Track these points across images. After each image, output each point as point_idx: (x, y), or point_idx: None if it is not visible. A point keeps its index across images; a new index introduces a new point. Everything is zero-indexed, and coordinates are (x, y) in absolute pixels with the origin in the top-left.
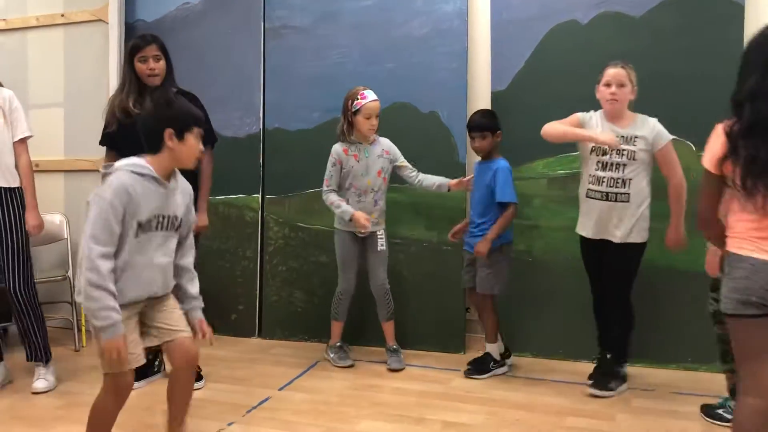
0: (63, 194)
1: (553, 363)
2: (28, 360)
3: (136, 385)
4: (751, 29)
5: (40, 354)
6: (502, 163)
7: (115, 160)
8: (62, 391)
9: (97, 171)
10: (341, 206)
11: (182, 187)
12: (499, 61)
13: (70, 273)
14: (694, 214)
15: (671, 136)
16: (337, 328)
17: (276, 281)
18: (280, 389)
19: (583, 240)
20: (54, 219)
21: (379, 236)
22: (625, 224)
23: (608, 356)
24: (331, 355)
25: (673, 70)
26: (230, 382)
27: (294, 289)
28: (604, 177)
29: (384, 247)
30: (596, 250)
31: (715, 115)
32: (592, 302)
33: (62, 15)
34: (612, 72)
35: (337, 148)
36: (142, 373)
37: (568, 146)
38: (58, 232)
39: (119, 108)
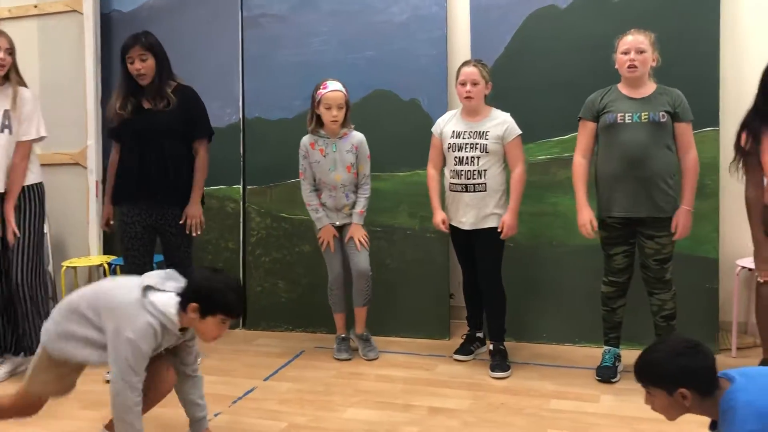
0: None
1: (537, 347)
2: (16, 353)
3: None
4: (727, 12)
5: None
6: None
7: (117, 153)
8: None
9: (76, 164)
10: (318, 212)
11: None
12: (478, 47)
13: (50, 268)
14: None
15: (520, 131)
16: (336, 320)
17: (259, 272)
18: (266, 379)
19: (454, 230)
20: None
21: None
22: (486, 212)
23: (501, 346)
24: (334, 347)
25: None
26: (215, 374)
27: (277, 280)
28: (462, 170)
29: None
30: (466, 238)
31: (692, 97)
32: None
33: (35, 6)
34: (467, 71)
35: (305, 140)
36: None
37: (548, 131)
38: None
39: (119, 105)
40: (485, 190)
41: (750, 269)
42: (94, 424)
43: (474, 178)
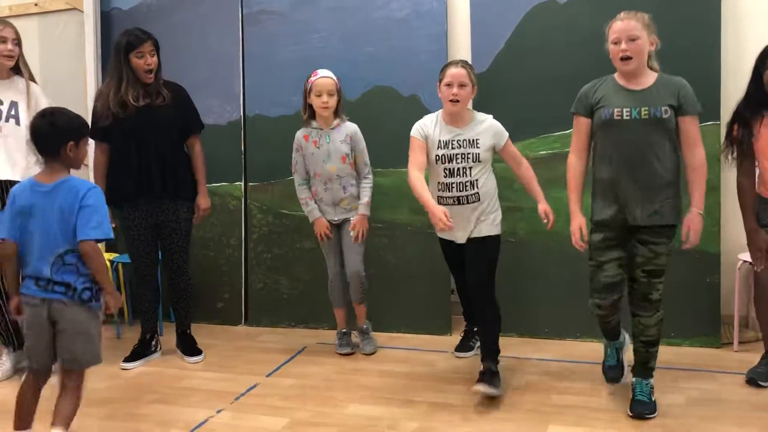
0: None
1: (539, 342)
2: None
3: (130, 365)
4: (728, 4)
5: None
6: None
7: (107, 153)
8: (47, 384)
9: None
10: (309, 205)
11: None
12: (479, 42)
13: None
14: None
15: (506, 132)
16: (337, 315)
17: (261, 268)
18: (268, 375)
19: (445, 243)
20: None
21: (351, 222)
22: (479, 220)
23: (494, 368)
24: (336, 341)
25: None
26: (218, 370)
27: (279, 276)
28: (453, 183)
29: (352, 233)
30: (460, 251)
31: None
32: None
33: (36, 4)
34: (454, 72)
35: (298, 134)
36: (139, 353)
37: (549, 126)
38: None
39: (117, 102)
40: (479, 200)
41: (751, 263)
42: (98, 421)
43: (467, 190)
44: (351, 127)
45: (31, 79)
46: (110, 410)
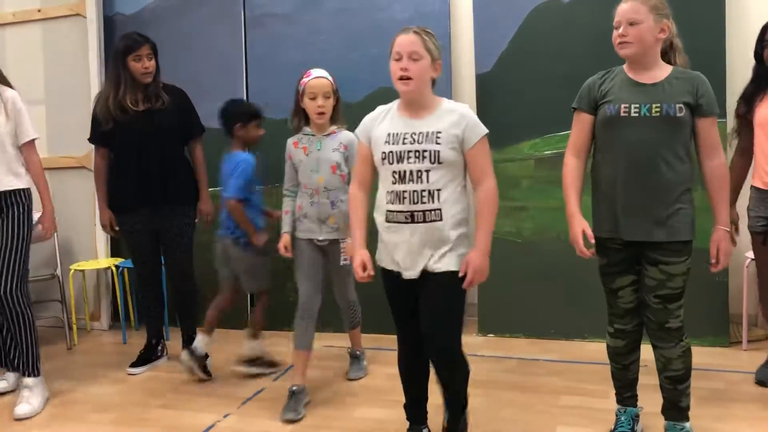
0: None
1: (546, 343)
2: (12, 370)
3: (137, 370)
4: (733, 3)
5: (29, 367)
6: None
7: (107, 158)
8: (55, 390)
9: (82, 168)
10: (283, 218)
11: None
12: (482, 43)
13: (58, 271)
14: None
15: (485, 129)
16: (295, 360)
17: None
18: (275, 380)
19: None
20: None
21: (342, 247)
22: (441, 250)
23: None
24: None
25: None
26: (225, 375)
27: (284, 280)
28: (404, 192)
29: (348, 261)
30: (410, 288)
31: None
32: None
33: (39, 10)
34: (402, 40)
35: (289, 141)
36: (145, 358)
37: (554, 125)
38: None
39: (116, 106)
40: (439, 219)
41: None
42: (105, 427)
43: (423, 202)
44: (347, 136)
45: (6, 84)
46: (117, 415)
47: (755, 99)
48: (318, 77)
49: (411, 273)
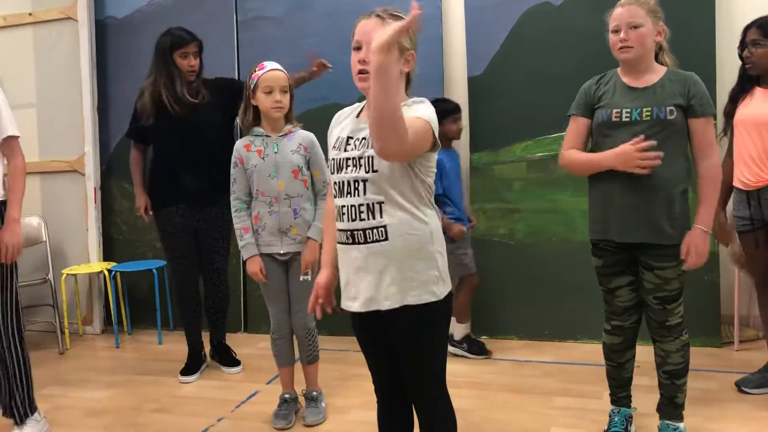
0: (39, 196)
1: (539, 344)
2: (3, 415)
3: (190, 378)
4: (723, 4)
5: (18, 411)
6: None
7: (144, 151)
8: (47, 395)
9: (74, 171)
10: (243, 238)
11: None
12: (474, 46)
13: (50, 276)
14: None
15: (427, 115)
16: (281, 375)
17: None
18: (268, 383)
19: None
20: (32, 222)
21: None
22: (397, 279)
23: None
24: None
25: None
26: (218, 378)
27: None
28: (343, 207)
29: (308, 277)
30: (372, 325)
31: None
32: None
33: (30, 14)
34: (362, 27)
35: (238, 144)
36: (194, 366)
37: (546, 128)
38: (37, 235)
39: (159, 102)
40: (385, 239)
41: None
42: (96, 431)
43: (362, 219)
44: (306, 136)
45: None
46: (110, 420)
47: (738, 98)
48: (274, 69)
49: (356, 306)
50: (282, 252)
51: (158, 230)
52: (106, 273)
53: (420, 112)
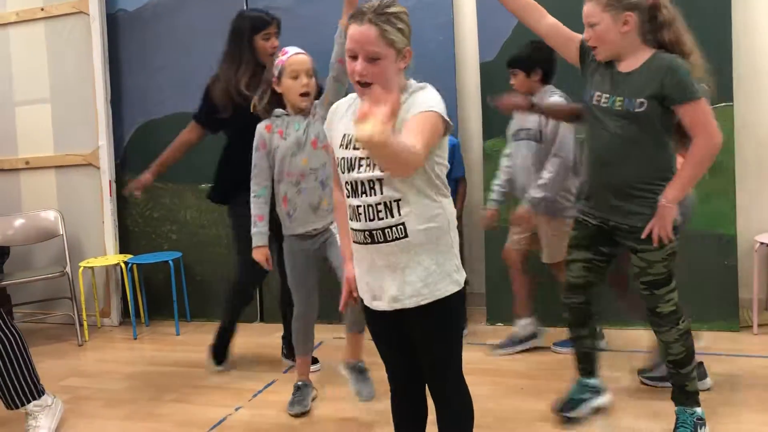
0: (55, 190)
1: (554, 331)
2: (7, 408)
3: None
4: None
5: (18, 398)
6: None
7: (200, 137)
8: (67, 387)
9: (89, 165)
10: (256, 225)
11: None
12: (485, 31)
13: (68, 269)
14: None
15: (435, 106)
16: (299, 364)
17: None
18: (285, 372)
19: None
20: (48, 216)
21: (334, 230)
22: (412, 277)
23: None
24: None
25: None
26: (235, 368)
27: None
28: (359, 207)
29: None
30: (388, 318)
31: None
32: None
33: (42, 9)
34: (354, 33)
35: (259, 127)
36: (224, 355)
37: None
38: (54, 228)
39: (236, 91)
40: (405, 236)
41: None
42: (117, 422)
43: (380, 218)
44: (317, 103)
45: None
46: (129, 410)
47: None
48: (298, 53)
49: (378, 305)
50: (318, 227)
51: (233, 222)
52: (123, 265)
53: (426, 104)
